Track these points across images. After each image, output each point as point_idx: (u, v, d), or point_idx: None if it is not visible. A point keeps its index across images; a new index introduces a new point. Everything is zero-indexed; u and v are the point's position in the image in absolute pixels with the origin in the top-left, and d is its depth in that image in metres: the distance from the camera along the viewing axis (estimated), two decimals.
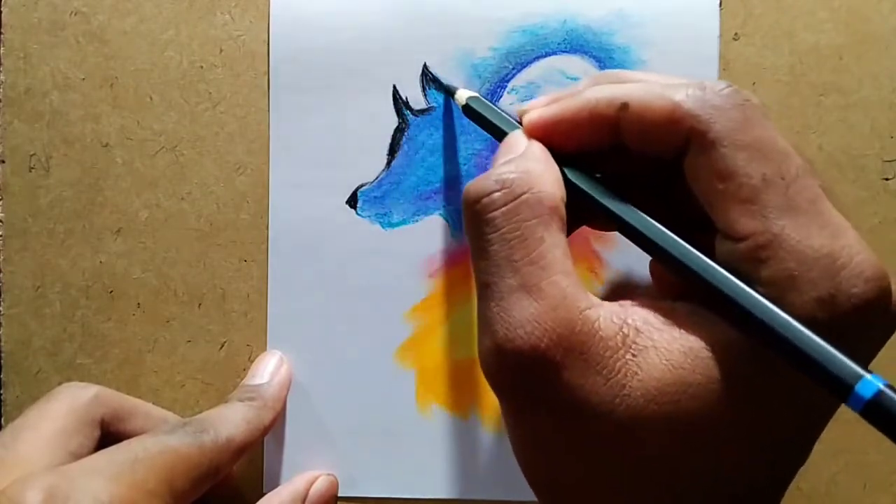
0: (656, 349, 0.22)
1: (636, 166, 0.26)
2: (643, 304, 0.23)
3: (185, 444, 0.28)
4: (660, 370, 0.21)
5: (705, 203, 0.23)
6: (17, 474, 0.26)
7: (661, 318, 0.22)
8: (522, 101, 0.35)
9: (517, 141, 0.26)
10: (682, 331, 0.22)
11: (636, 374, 0.21)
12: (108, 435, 0.31)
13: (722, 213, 0.22)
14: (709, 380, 0.21)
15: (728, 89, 0.23)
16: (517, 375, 0.22)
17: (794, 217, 0.21)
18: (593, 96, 0.25)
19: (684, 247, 0.23)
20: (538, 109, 0.26)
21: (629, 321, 0.22)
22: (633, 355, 0.22)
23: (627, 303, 0.23)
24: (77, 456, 0.28)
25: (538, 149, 0.25)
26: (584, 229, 0.28)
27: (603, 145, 0.25)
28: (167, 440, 0.28)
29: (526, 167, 0.24)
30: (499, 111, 0.29)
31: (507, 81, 0.35)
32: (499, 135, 0.28)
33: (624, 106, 0.24)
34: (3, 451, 0.28)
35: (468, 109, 0.31)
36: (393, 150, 0.36)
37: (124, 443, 0.28)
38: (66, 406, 0.30)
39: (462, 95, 0.31)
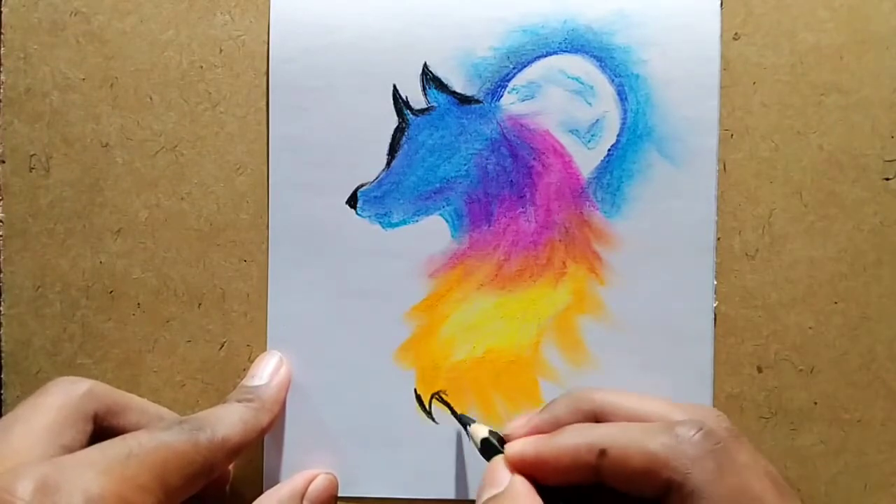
0: None
1: (624, 499, 0.27)
2: None
3: (180, 441, 0.28)
4: None
5: None
6: (8, 466, 0.26)
7: None
8: (523, 100, 0.35)
9: (499, 473, 0.28)
10: None
11: None
12: (102, 430, 0.31)
13: None
14: None
15: (699, 435, 0.25)
16: None
17: None
18: (573, 442, 0.27)
19: None
20: (519, 444, 0.28)
21: None
22: None
23: None
24: (69, 450, 0.28)
25: (521, 486, 0.27)
26: (586, 229, 0.28)
27: (587, 482, 0.27)
28: (162, 437, 0.28)
29: None
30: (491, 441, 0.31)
31: (508, 81, 0.35)
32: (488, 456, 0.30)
33: (602, 453, 0.26)
34: None
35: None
36: (393, 150, 0.35)
37: (119, 437, 0.28)
38: (59, 400, 0.30)
39: (477, 433, 0.32)
